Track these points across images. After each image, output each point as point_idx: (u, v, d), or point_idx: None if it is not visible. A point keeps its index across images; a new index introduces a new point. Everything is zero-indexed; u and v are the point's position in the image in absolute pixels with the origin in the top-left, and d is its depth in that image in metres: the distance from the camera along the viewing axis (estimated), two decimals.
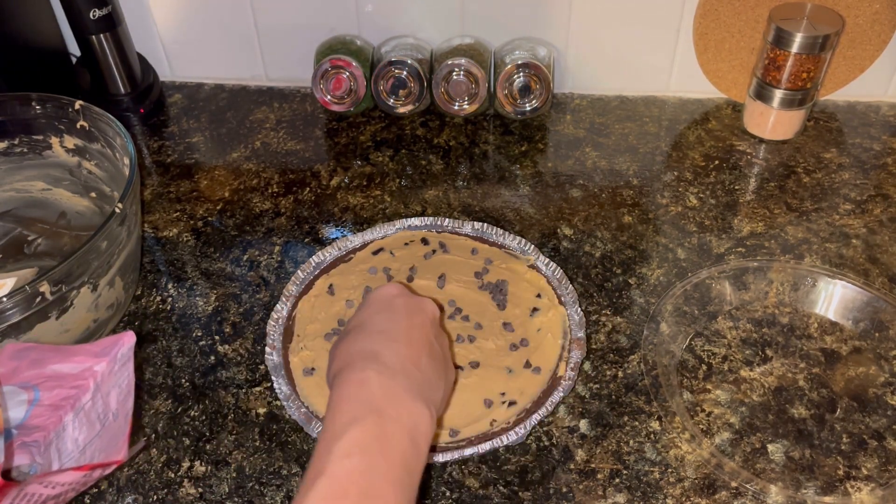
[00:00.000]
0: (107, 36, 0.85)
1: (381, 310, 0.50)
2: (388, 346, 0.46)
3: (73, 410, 0.49)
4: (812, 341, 0.63)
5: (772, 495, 0.52)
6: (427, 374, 0.47)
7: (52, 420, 0.49)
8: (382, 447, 0.41)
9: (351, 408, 0.42)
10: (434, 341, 0.50)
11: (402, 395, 0.44)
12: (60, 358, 0.50)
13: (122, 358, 0.51)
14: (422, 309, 0.51)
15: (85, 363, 0.50)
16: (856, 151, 0.82)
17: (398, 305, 0.51)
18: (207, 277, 0.70)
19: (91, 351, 0.51)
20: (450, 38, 0.87)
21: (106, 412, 0.50)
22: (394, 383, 0.44)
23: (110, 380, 0.50)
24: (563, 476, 0.55)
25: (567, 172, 0.81)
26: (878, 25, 0.81)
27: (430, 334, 0.50)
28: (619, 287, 0.68)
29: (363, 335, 0.48)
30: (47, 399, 0.49)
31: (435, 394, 0.47)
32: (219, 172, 0.83)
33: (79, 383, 0.50)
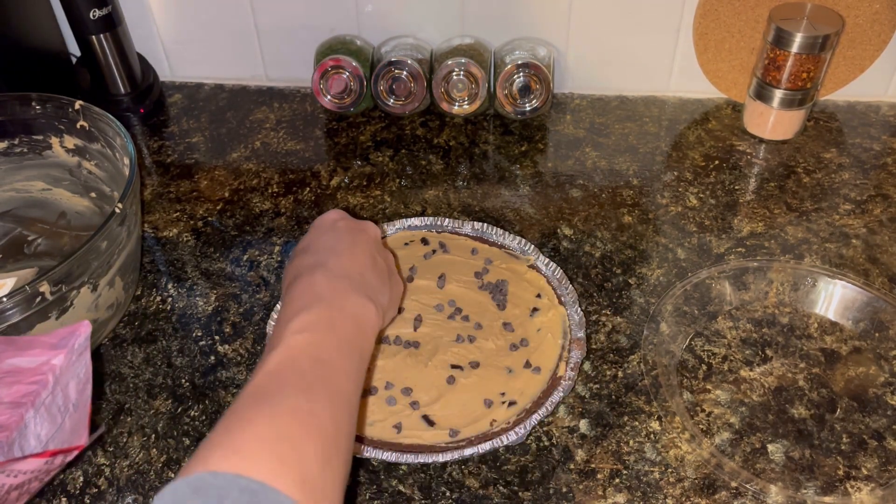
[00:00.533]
0: (107, 36, 0.85)
1: (324, 232, 0.55)
2: (332, 258, 0.51)
3: (34, 407, 0.49)
4: (812, 341, 0.63)
5: (772, 495, 0.52)
6: (370, 281, 0.51)
7: (13, 419, 0.49)
8: (330, 326, 0.45)
9: (300, 301, 0.47)
10: (377, 256, 0.54)
11: (347, 291, 0.48)
12: (16, 351, 0.50)
13: (79, 348, 0.50)
14: (363, 230, 0.56)
15: (42, 356, 0.49)
16: (856, 151, 0.82)
17: (340, 227, 0.55)
18: (207, 277, 0.70)
19: (47, 343, 0.50)
20: (450, 38, 0.87)
21: (66, 404, 0.50)
22: (339, 283, 0.49)
23: (69, 371, 0.50)
24: (563, 476, 0.55)
25: (567, 172, 0.81)
26: (878, 25, 0.81)
27: (373, 251, 0.54)
28: (619, 287, 0.68)
29: (309, 253, 0.52)
30: (7, 396, 0.49)
31: (378, 295, 0.51)
32: (219, 172, 0.83)
33: (37, 378, 0.49)
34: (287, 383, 0.40)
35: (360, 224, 0.56)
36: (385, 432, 0.56)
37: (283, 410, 0.38)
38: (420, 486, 0.54)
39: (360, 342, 0.47)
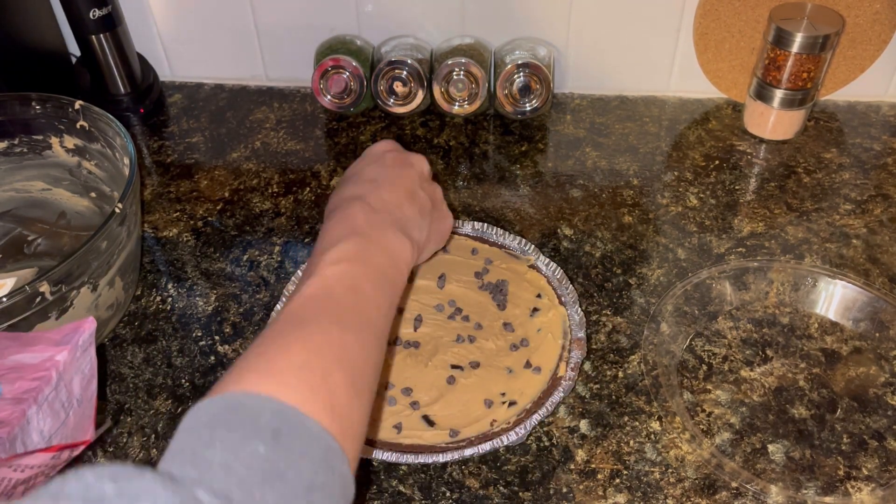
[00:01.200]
0: (107, 36, 0.85)
1: (371, 162, 0.56)
2: (373, 191, 0.52)
3: (37, 403, 0.49)
4: (812, 341, 0.63)
5: (772, 495, 0.52)
6: (409, 215, 0.52)
7: (15, 415, 0.49)
8: (364, 259, 0.46)
9: (337, 232, 0.48)
10: (419, 190, 0.55)
11: (383, 226, 0.49)
12: (19, 347, 0.50)
13: (83, 344, 0.50)
14: (410, 163, 0.56)
15: (46, 352, 0.49)
16: (856, 151, 0.82)
17: (388, 159, 0.56)
18: (207, 277, 0.70)
19: (51, 339, 0.50)
20: (450, 38, 0.87)
21: (70, 399, 0.50)
22: (376, 217, 0.50)
23: (72, 367, 0.50)
24: (563, 476, 0.54)
25: (567, 172, 0.81)
26: (879, 25, 0.81)
27: (416, 184, 0.55)
28: (620, 287, 0.68)
29: (353, 183, 0.53)
30: (9, 392, 0.49)
31: (417, 232, 0.53)
32: (219, 172, 0.83)
33: (40, 374, 0.49)
34: (321, 312, 0.42)
35: (407, 157, 0.57)
36: (385, 432, 0.56)
37: (315, 339, 0.40)
38: (420, 487, 0.54)
39: (393, 275, 0.48)
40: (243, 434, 0.33)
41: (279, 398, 0.35)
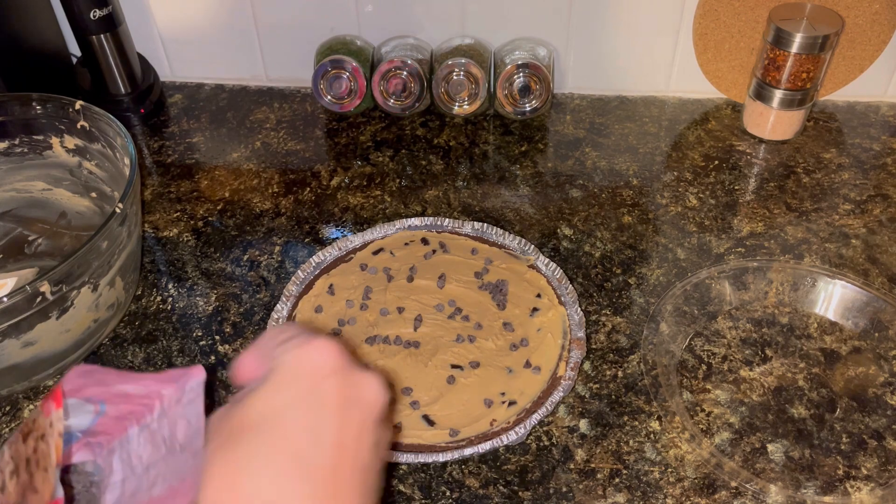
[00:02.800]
0: (107, 36, 0.85)
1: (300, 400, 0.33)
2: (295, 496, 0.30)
3: (139, 425, 0.49)
4: (812, 341, 0.63)
5: (771, 495, 0.52)
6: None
7: (117, 429, 0.49)
8: None
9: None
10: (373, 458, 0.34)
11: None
12: (125, 380, 0.50)
13: (189, 391, 0.48)
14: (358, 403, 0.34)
15: (151, 386, 0.49)
16: (855, 151, 0.82)
17: (327, 397, 0.33)
18: (208, 277, 0.71)
19: (158, 377, 0.50)
20: (450, 38, 0.87)
21: (172, 439, 0.49)
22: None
23: (177, 408, 0.49)
24: (563, 476, 0.55)
25: (567, 172, 0.81)
26: (878, 26, 0.81)
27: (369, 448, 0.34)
28: (619, 287, 0.68)
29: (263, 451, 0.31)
30: (113, 412, 0.49)
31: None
32: (219, 172, 0.83)
33: (145, 402, 0.49)
34: None
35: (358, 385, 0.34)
36: None
37: None
38: (420, 486, 0.54)
39: None
40: None
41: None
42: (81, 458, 0.46)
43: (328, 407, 0.33)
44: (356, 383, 0.34)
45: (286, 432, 0.31)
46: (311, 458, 0.31)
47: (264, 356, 0.35)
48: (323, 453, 0.31)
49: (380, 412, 0.35)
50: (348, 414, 0.33)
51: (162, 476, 0.48)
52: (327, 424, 0.32)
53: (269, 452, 0.31)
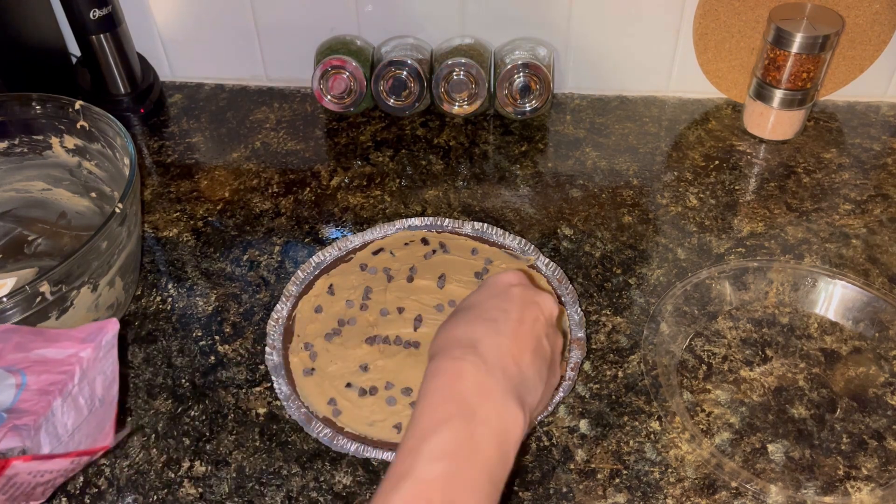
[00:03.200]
0: (107, 36, 0.85)
1: (494, 295, 0.48)
2: (491, 337, 0.45)
3: (62, 395, 0.49)
4: (812, 341, 0.63)
5: (772, 495, 0.52)
6: (526, 374, 0.45)
7: (40, 405, 0.49)
8: (470, 454, 0.40)
9: (443, 404, 0.41)
10: (544, 339, 0.47)
11: (496, 395, 0.42)
12: (44, 342, 0.50)
13: (106, 345, 0.50)
14: (537, 303, 0.48)
15: (70, 349, 0.50)
16: (856, 151, 0.82)
17: (514, 295, 0.48)
18: (207, 277, 0.70)
19: (75, 336, 0.50)
20: (450, 38, 0.87)
21: (93, 397, 0.50)
22: (489, 381, 0.42)
23: (95, 366, 0.50)
24: (563, 476, 0.55)
25: (567, 172, 0.81)
26: (878, 26, 0.81)
27: (541, 331, 0.47)
28: (619, 287, 0.68)
29: (469, 319, 0.47)
30: (35, 384, 0.49)
31: (531, 395, 0.45)
32: (219, 172, 0.83)
33: (65, 368, 0.50)
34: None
35: (536, 296, 0.49)
36: (385, 432, 0.56)
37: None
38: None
39: (500, 471, 0.41)
40: None
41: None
42: (9, 445, 0.46)
43: (514, 302, 0.48)
44: (536, 294, 0.49)
45: (484, 310, 0.47)
46: (500, 324, 0.46)
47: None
48: (508, 323, 0.46)
49: (551, 317, 0.49)
50: (528, 308, 0.48)
51: (86, 434, 0.49)
52: (512, 309, 0.47)
53: (472, 319, 0.47)
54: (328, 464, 0.56)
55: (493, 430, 0.41)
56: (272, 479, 0.55)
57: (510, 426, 0.42)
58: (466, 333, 0.45)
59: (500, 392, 0.42)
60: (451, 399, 0.41)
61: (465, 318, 0.47)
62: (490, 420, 0.41)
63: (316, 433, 0.56)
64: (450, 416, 0.40)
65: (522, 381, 0.44)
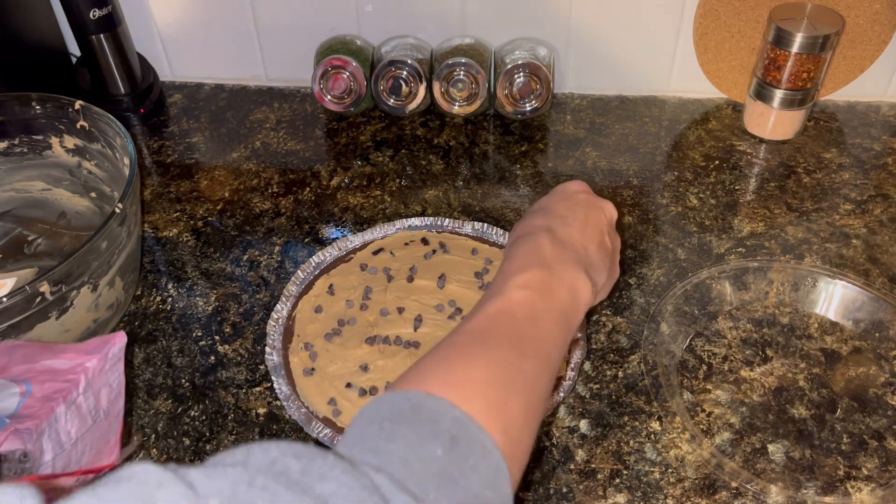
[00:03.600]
0: (107, 36, 0.85)
1: (563, 199, 0.55)
2: (563, 226, 0.51)
3: (65, 403, 0.49)
4: (812, 341, 0.63)
5: (772, 495, 0.52)
6: (592, 257, 0.51)
7: (43, 410, 0.49)
8: (548, 291, 0.45)
9: (525, 259, 0.47)
10: (606, 236, 0.54)
11: (568, 262, 0.48)
12: (50, 355, 0.51)
13: (112, 357, 0.51)
14: (600, 207, 0.55)
15: (76, 360, 0.50)
16: (856, 151, 0.82)
17: (580, 199, 0.55)
18: (207, 277, 0.70)
19: (82, 349, 0.51)
20: (450, 38, 0.87)
21: (97, 408, 0.50)
22: (563, 252, 0.48)
23: (101, 378, 0.50)
24: (563, 476, 0.54)
25: (567, 172, 0.81)
26: (879, 25, 0.81)
27: (604, 229, 0.54)
28: (620, 287, 0.68)
29: (542, 215, 0.53)
30: (39, 392, 0.49)
31: (597, 275, 0.50)
32: (219, 172, 0.83)
33: (70, 378, 0.50)
34: (503, 335, 0.42)
35: (599, 201, 0.56)
36: None
37: (497, 359, 0.40)
38: None
39: (571, 316, 0.47)
40: (423, 434, 0.34)
41: (460, 407, 0.36)
42: (11, 447, 0.46)
43: (580, 204, 0.54)
44: (599, 200, 0.55)
45: (554, 210, 0.53)
46: (569, 219, 0.52)
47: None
48: (576, 219, 0.52)
49: (612, 220, 0.56)
50: (592, 210, 0.54)
51: (89, 445, 0.49)
52: (579, 210, 0.53)
53: (545, 216, 0.52)
54: None
55: (566, 284, 0.47)
56: None
57: (580, 287, 0.47)
58: (542, 223, 0.51)
59: (571, 262, 0.48)
60: (533, 256, 0.47)
61: (539, 214, 0.53)
62: (564, 277, 0.47)
63: (316, 433, 0.56)
64: (531, 264, 0.47)
65: (588, 259, 0.50)
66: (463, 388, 0.37)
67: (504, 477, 0.36)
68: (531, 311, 0.44)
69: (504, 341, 0.41)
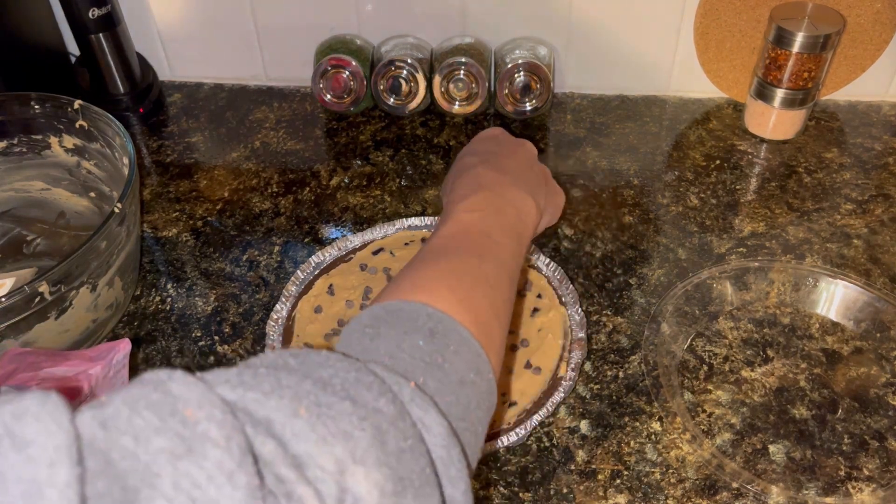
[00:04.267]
0: (106, 35, 0.85)
1: (486, 140, 0.58)
2: (494, 159, 0.54)
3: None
4: (813, 342, 0.63)
5: (773, 496, 0.52)
6: (529, 179, 0.54)
7: None
8: (495, 209, 0.48)
9: (468, 187, 0.50)
10: (535, 164, 0.57)
11: (509, 184, 0.51)
12: (55, 362, 0.51)
13: (116, 364, 0.51)
14: (521, 143, 0.58)
15: (80, 367, 0.50)
16: (857, 151, 0.82)
17: (502, 139, 0.58)
18: (207, 277, 0.70)
19: (86, 356, 0.51)
20: (450, 38, 0.87)
21: None
22: (501, 176, 0.51)
23: (105, 384, 0.50)
24: (563, 477, 0.54)
25: (567, 172, 0.80)
26: (880, 25, 0.80)
27: (531, 159, 0.57)
28: (620, 287, 0.68)
29: (471, 155, 0.56)
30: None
31: (538, 195, 0.53)
32: (218, 172, 0.82)
33: (74, 384, 0.50)
34: (461, 246, 0.45)
35: (519, 139, 0.59)
36: None
37: (459, 265, 0.43)
38: None
39: (520, 229, 0.49)
40: (404, 330, 0.37)
41: (432, 304, 0.39)
42: None
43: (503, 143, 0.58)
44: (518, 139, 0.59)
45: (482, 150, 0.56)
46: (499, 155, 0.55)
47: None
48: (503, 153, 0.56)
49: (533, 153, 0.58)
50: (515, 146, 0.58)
51: None
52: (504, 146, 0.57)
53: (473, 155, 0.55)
54: None
55: (511, 203, 0.50)
56: None
57: (524, 205, 0.50)
58: (474, 161, 0.54)
59: (512, 184, 0.51)
60: (474, 184, 0.50)
61: (468, 155, 0.56)
62: (506, 196, 0.50)
63: None
64: (474, 190, 0.49)
65: (527, 181, 0.53)
66: (431, 290, 0.40)
67: (483, 362, 0.39)
68: (483, 227, 0.47)
69: (462, 251, 0.45)
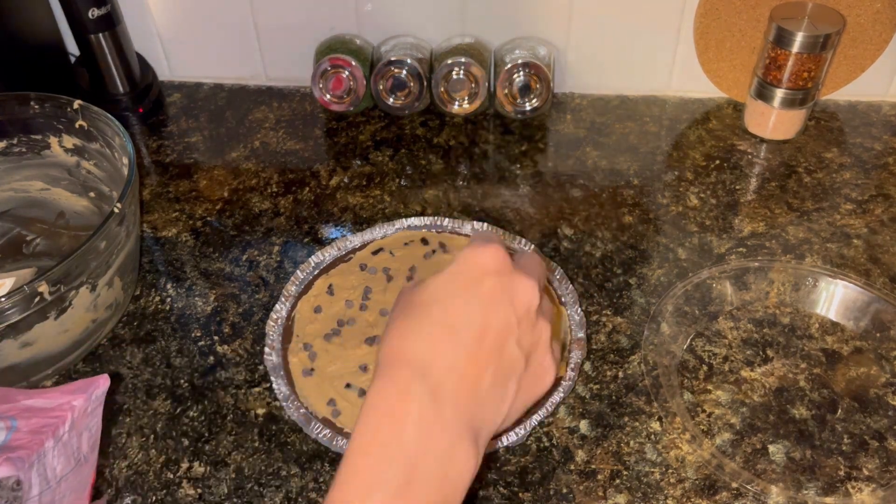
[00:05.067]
0: (105, 35, 0.84)
1: (463, 288, 0.42)
2: (447, 356, 0.40)
3: (54, 438, 0.49)
4: (813, 342, 0.63)
5: (773, 496, 0.52)
6: (485, 400, 0.40)
7: (33, 442, 0.49)
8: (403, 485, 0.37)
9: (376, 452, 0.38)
10: (513, 347, 0.42)
11: (444, 434, 0.38)
12: (31, 396, 0.51)
13: (95, 400, 0.51)
14: (511, 299, 0.42)
15: (61, 399, 0.50)
16: (857, 151, 0.82)
17: (483, 291, 0.42)
18: (206, 277, 0.70)
19: (66, 389, 0.51)
20: (450, 38, 0.87)
21: (79, 451, 0.50)
22: (438, 417, 0.38)
23: (84, 419, 0.50)
24: (563, 477, 0.54)
25: (567, 172, 0.80)
26: (880, 25, 0.80)
27: (511, 335, 0.42)
28: (620, 287, 0.68)
29: (427, 321, 0.41)
30: (25, 426, 0.49)
31: (488, 424, 0.41)
32: (218, 172, 0.82)
33: (57, 414, 0.49)
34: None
35: (511, 286, 0.42)
36: None
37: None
38: None
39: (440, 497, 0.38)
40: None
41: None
42: (5, 474, 0.46)
43: (482, 300, 0.41)
44: (513, 283, 0.42)
45: (445, 310, 0.41)
46: (461, 333, 0.40)
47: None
48: (470, 332, 0.40)
49: (532, 309, 0.43)
50: (496, 310, 0.41)
51: (70, 488, 0.49)
52: (477, 313, 0.41)
53: (431, 322, 0.41)
54: (327, 464, 0.56)
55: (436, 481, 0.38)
56: (271, 479, 0.55)
57: (458, 471, 0.39)
58: (420, 346, 0.40)
59: (447, 432, 0.38)
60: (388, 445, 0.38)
61: (422, 317, 0.41)
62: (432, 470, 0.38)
63: (315, 434, 0.56)
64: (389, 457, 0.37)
65: (479, 409, 0.40)
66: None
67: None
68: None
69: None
